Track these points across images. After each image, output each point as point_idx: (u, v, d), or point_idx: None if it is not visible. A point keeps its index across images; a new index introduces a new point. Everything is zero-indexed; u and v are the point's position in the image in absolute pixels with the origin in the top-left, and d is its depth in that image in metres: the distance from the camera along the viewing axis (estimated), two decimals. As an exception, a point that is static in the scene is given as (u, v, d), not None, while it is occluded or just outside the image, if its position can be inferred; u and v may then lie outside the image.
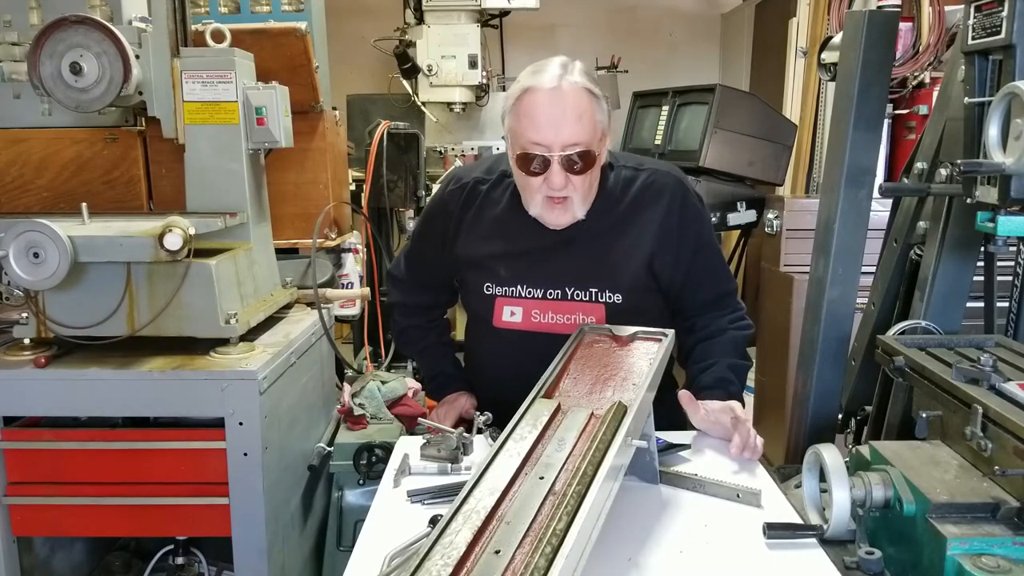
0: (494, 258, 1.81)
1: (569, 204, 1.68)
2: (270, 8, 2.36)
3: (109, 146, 2.14)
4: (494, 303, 1.81)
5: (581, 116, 1.60)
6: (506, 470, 1.14)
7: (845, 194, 1.73)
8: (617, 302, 1.76)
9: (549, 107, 1.59)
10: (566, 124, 1.59)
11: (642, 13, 5.24)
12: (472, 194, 1.83)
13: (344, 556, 1.54)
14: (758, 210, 3.29)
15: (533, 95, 1.61)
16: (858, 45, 1.69)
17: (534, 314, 1.78)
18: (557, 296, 1.78)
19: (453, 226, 1.84)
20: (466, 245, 1.83)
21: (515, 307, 1.80)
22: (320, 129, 2.32)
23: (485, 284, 1.82)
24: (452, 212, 1.84)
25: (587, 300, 1.77)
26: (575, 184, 1.65)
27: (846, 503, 1.19)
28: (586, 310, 1.76)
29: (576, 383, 1.43)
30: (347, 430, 1.92)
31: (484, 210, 1.82)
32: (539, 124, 1.60)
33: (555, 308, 1.78)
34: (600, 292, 1.76)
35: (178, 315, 1.65)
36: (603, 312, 1.75)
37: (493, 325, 1.81)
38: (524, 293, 1.79)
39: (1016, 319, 1.68)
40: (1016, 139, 1.23)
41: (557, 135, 1.59)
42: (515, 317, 1.79)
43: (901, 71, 3.12)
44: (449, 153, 4.26)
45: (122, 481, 1.65)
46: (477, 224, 1.82)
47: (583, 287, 1.77)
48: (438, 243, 1.87)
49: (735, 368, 1.76)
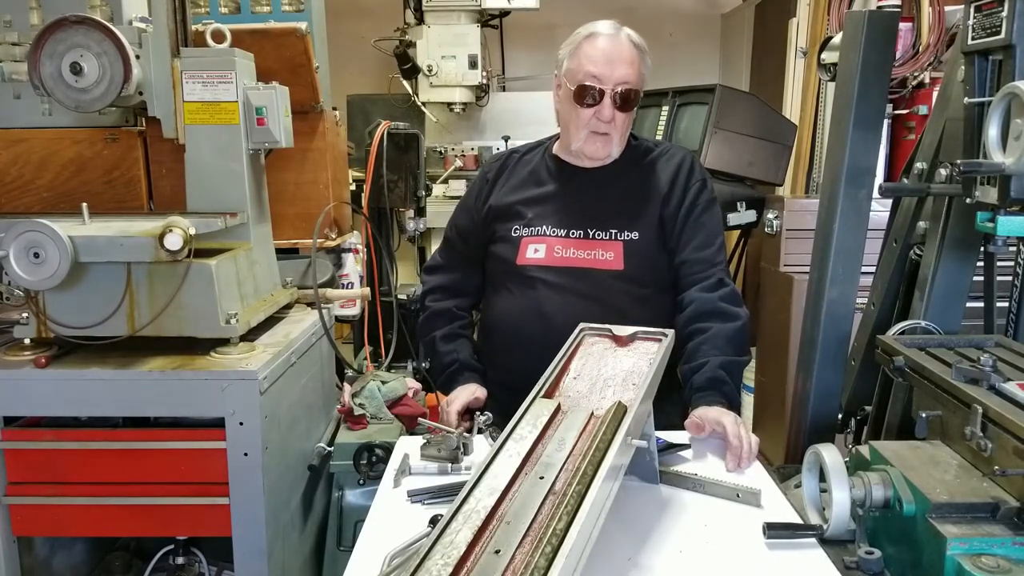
0: (523, 203, 1.98)
1: (609, 140, 1.90)
2: (270, 8, 2.36)
3: (109, 146, 2.14)
4: (520, 243, 1.94)
5: (633, 61, 1.86)
6: (506, 470, 1.14)
7: (845, 194, 1.73)
8: (634, 239, 1.90)
9: (609, 48, 1.86)
10: (621, 64, 1.85)
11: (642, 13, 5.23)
12: (508, 161, 2.08)
13: (344, 556, 1.54)
14: (758, 210, 3.29)
15: (595, 38, 1.88)
16: (858, 45, 1.69)
17: (556, 250, 1.92)
18: (580, 235, 1.92)
19: (488, 188, 2.05)
20: (498, 197, 2.02)
21: (539, 244, 1.93)
22: (320, 129, 2.32)
23: (513, 227, 1.97)
24: (489, 178, 2.06)
25: (607, 239, 1.91)
26: (618, 122, 1.88)
27: (846, 503, 1.19)
28: (605, 247, 1.90)
29: (576, 383, 1.43)
30: (347, 430, 1.92)
31: (517, 169, 2.05)
32: (599, 61, 1.85)
33: (577, 245, 1.92)
34: (619, 231, 1.91)
35: (178, 315, 1.65)
36: (621, 249, 1.89)
37: (516, 263, 1.93)
38: (548, 232, 1.93)
39: (1016, 319, 1.69)
40: (1016, 139, 1.23)
41: (613, 72, 1.84)
42: (538, 254, 1.92)
43: (901, 71, 3.12)
44: (449, 153, 4.26)
45: (122, 481, 1.65)
46: (510, 179, 2.04)
47: (603, 227, 1.92)
48: (472, 207, 2.07)
49: (727, 366, 1.75)
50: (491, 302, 2.04)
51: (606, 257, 1.88)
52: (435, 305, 2.09)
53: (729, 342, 1.78)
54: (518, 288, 1.93)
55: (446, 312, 2.07)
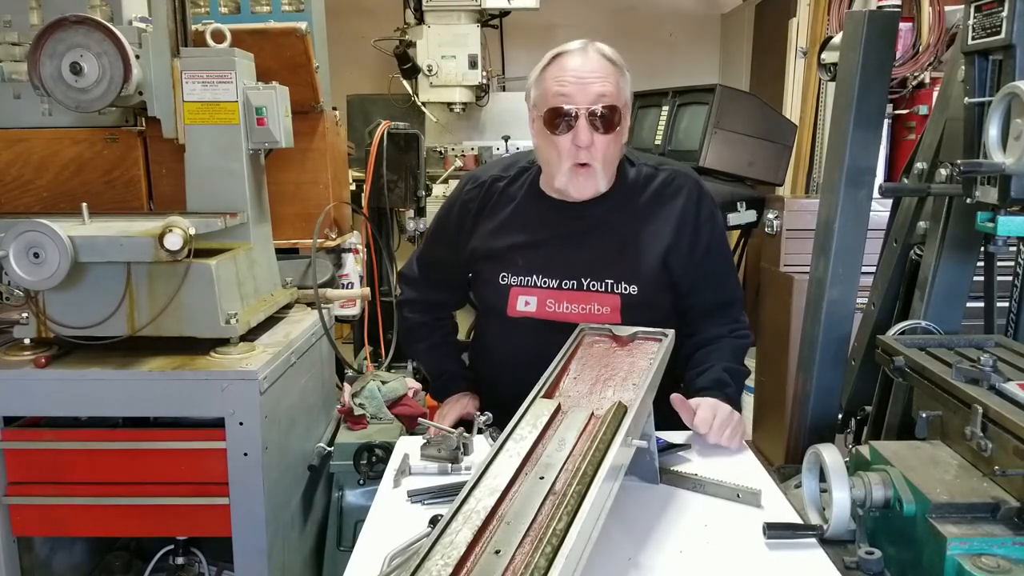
0: (511, 249, 1.83)
1: (593, 172, 1.72)
2: (270, 8, 2.36)
3: (109, 146, 2.14)
4: (509, 293, 1.83)
5: (607, 76, 1.68)
6: (506, 470, 1.14)
7: (845, 194, 1.73)
8: (632, 293, 1.77)
9: (577, 65, 1.68)
10: (593, 81, 1.66)
11: (642, 13, 5.24)
12: (490, 191, 1.88)
13: (344, 556, 1.54)
14: (758, 210, 3.29)
15: (560, 58, 1.71)
16: (858, 45, 1.69)
17: (549, 303, 1.80)
18: (573, 286, 1.79)
19: (470, 223, 1.88)
20: (482, 239, 1.86)
21: (530, 296, 1.81)
22: (320, 129, 2.32)
23: (501, 274, 1.84)
24: (470, 209, 1.88)
25: (602, 291, 1.78)
26: (599, 147, 1.69)
27: (846, 503, 1.19)
28: (601, 300, 1.77)
29: (576, 383, 1.43)
30: (347, 430, 1.92)
31: (501, 205, 1.86)
32: (566, 81, 1.67)
33: (570, 298, 1.79)
34: (616, 283, 1.78)
35: (178, 315, 1.65)
36: (618, 303, 1.77)
37: (507, 315, 1.83)
38: (539, 283, 1.81)
39: (1016, 319, 1.68)
40: (1016, 139, 1.23)
41: (584, 91, 1.66)
42: (529, 307, 1.81)
43: (901, 71, 3.12)
44: (449, 153, 4.26)
45: (122, 481, 1.65)
46: (494, 218, 1.86)
47: (599, 278, 1.78)
48: (452, 241, 1.90)
49: (731, 371, 1.76)
50: (483, 338, 1.98)
51: (602, 311, 1.76)
52: (414, 317, 2.03)
53: (734, 356, 1.80)
54: (510, 334, 1.84)
55: (425, 324, 2.04)
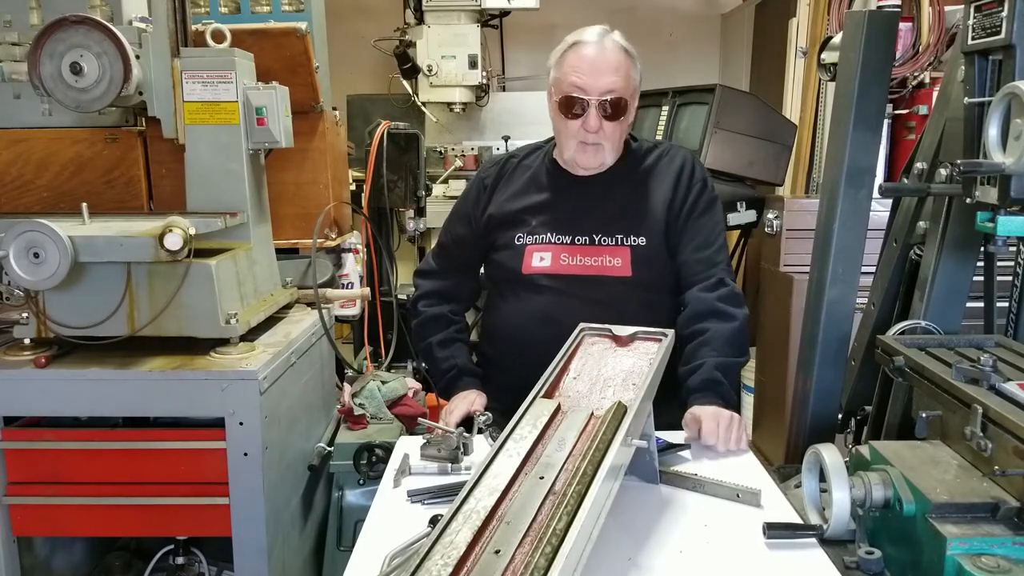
0: (525, 211, 1.94)
1: (600, 150, 1.86)
2: (270, 8, 2.36)
3: (109, 146, 2.14)
4: (524, 252, 1.92)
5: (619, 68, 1.81)
6: (506, 470, 1.14)
7: (845, 194, 1.73)
8: (642, 244, 1.88)
9: (592, 57, 1.81)
10: (606, 73, 1.80)
11: (642, 13, 5.23)
12: (506, 166, 2.03)
13: (344, 556, 1.54)
14: (758, 210, 3.29)
15: (579, 47, 1.83)
16: (858, 45, 1.69)
17: (563, 257, 1.89)
18: (585, 242, 1.90)
19: (487, 195, 2.00)
20: (498, 205, 1.98)
21: (544, 252, 1.91)
22: (320, 129, 2.32)
23: (516, 235, 1.94)
24: (486, 185, 2.02)
25: (613, 244, 1.89)
26: (607, 131, 1.83)
27: (846, 503, 1.19)
28: (612, 253, 1.88)
29: (576, 383, 1.43)
30: (347, 430, 1.92)
31: (517, 174, 2.01)
32: (582, 71, 1.80)
33: (583, 251, 1.89)
34: (625, 236, 1.89)
35: (178, 315, 1.65)
36: (628, 255, 1.87)
37: (522, 272, 1.91)
38: (554, 239, 1.91)
39: (1016, 319, 1.68)
40: (1016, 139, 1.23)
41: (597, 82, 1.79)
42: (544, 262, 1.90)
43: (901, 71, 3.12)
44: (449, 153, 4.26)
45: (122, 481, 1.65)
46: (510, 186, 1.99)
47: (609, 233, 1.89)
48: (471, 214, 2.02)
49: (723, 367, 1.76)
50: (496, 308, 2.02)
51: (614, 263, 1.87)
52: (429, 310, 2.06)
53: (727, 343, 1.79)
54: (525, 295, 1.91)
55: (441, 317, 2.05)
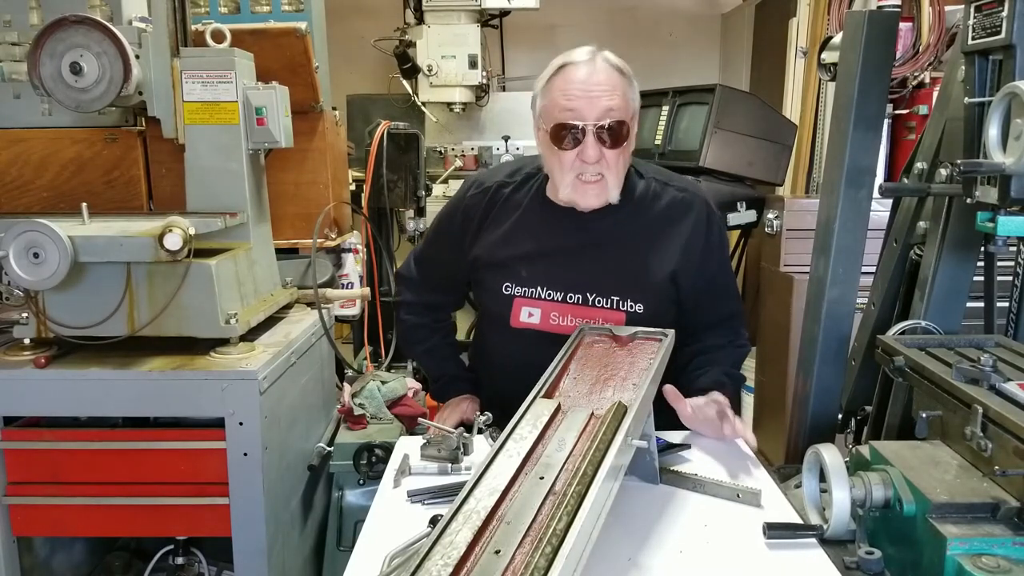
0: (515, 259, 1.79)
1: (604, 184, 1.66)
2: (270, 8, 2.36)
3: (109, 146, 2.14)
4: (512, 303, 1.80)
5: (615, 89, 1.62)
6: (506, 470, 1.14)
7: (845, 194, 1.73)
8: (638, 311, 1.75)
9: (584, 79, 1.61)
10: (601, 94, 1.60)
11: (642, 13, 5.23)
12: (494, 198, 1.83)
13: (344, 556, 1.54)
14: (758, 210, 3.29)
15: (567, 69, 1.63)
16: (858, 45, 1.69)
17: (553, 316, 1.77)
18: (577, 300, 1.76)
19: (473, 229, 1.84)
20: (485, 247, 1.83)
21: (533, 308, 1.78)
22: (320, 129, 2.32)
23: (504, 284, 1.81)
24: (473, 216, 1.84)
25: (608, 307, 1.75)
26: (608, 160, 1.64)
27: (846, 503, 1.19)
28: (607, 317, 1.74)
29: (576, 383, 1.43)
30: (347, 430, 1.92)
31: (506, 212, 1.82)
32: (573, 95, 1.60)
33: (575, 312, 1.76)
34: (622, 300, 1.75)
35: (178, 315, 1.65)
36: (623, 320, 1.74)
37: (510, 325, 1.80)
38: (544, 295, 1.78)
39: (1016, 319, 1.68)
40: (1016, 139, 1.23)
41: (591, 105, 1.60)
42: (533, 319, 1.78)
43: (901, 71, 3.12)
44: (449, 153, 4.26)
45: (122, 481, 1.65)
46: (498, 226, 1.82)
47: (604, 293, 1.76)
48: (455, 246, 1.87)
49: (730, 375, 1.80)
50: (485, 339, 1.96)
51: None
52: (411, 319, 2.02)
53: (733, 362, 1.83)
54: (512, 344, 1.82)
55: (423, 326, 2.03)
